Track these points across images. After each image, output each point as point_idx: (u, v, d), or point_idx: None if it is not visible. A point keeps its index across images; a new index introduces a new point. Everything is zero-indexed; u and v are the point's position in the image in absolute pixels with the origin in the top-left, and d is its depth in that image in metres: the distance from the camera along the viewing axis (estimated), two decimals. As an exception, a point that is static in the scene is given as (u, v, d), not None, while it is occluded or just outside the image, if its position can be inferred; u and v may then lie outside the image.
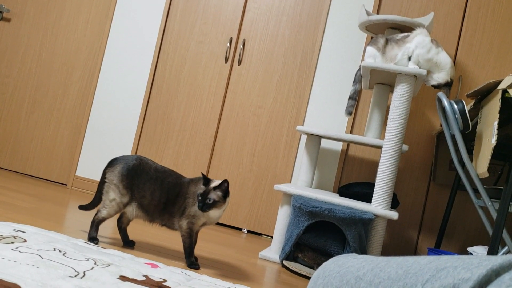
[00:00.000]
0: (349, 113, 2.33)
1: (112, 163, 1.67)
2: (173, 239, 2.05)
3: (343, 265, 0.65)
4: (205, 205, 1.53)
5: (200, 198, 1.54)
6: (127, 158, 1.67)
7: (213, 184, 1.56)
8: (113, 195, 1.63)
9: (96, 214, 1.67)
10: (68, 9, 3.16)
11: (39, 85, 3.15)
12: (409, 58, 2.07)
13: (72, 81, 3.11)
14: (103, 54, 3.05)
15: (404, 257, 0.58)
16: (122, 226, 1.74)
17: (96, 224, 1.67)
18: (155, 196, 1.62)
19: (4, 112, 3.19)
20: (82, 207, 1.78)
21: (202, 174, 1.61)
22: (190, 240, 1.62)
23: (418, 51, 2.03)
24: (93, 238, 1.65)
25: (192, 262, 1.62)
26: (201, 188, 1.58)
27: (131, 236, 1.90)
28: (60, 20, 3.16)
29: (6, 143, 3.17)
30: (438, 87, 2.06)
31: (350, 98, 2.34)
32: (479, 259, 0.48)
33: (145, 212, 1.64)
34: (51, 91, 3.13)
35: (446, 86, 2.03)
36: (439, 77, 2.05)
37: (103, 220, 1.66)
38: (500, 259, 0.46)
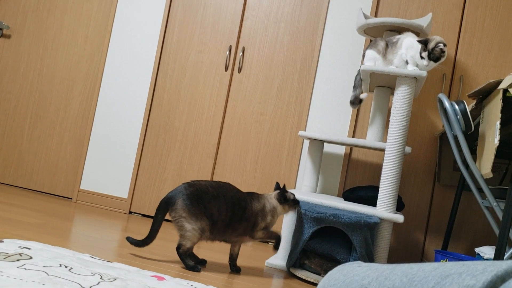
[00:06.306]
0: (352, 103, 2.36)
1: (169, 203, 1.68)
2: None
3: (348, 274, 0.65)
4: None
5: (296, 200, 1.85)
6: (179, 190, 1.69)
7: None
8: (189, 226, 1.66)
9: (179, 248, 1.69)
10: (67, 23, 3.18)
11: (41, 100, 3.17)
12: (406, 62, 2.08)
13: (73, 95, 3.12)
14: (104, 67, 3.06)
15: (409, 265, 0.58)
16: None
17: (184, 256, 1.70)
18: (222, 211, 1.70)
19: (7, 128, 3.21)
20: (136, 243, 1.75)
21: (278, 183, 1.89)
22: (271, 232, 1.80)
23: (410, 54, 2.05)
24: (193, 267, 1.69)
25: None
26: (277, 192, 1.83)
27: (128, 248, 1.89)
28: (59, 35, 3.19)
29: (10, 158, 3.18)
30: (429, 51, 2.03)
31: (351, 103, 2.35)
32: (484, 265, 0.48)
33: (211, 230, 1.70)
34: (53, 106, 3.15)
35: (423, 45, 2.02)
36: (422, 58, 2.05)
37: (189, 249, 1.70)
38: (505, 264, 0.46)
